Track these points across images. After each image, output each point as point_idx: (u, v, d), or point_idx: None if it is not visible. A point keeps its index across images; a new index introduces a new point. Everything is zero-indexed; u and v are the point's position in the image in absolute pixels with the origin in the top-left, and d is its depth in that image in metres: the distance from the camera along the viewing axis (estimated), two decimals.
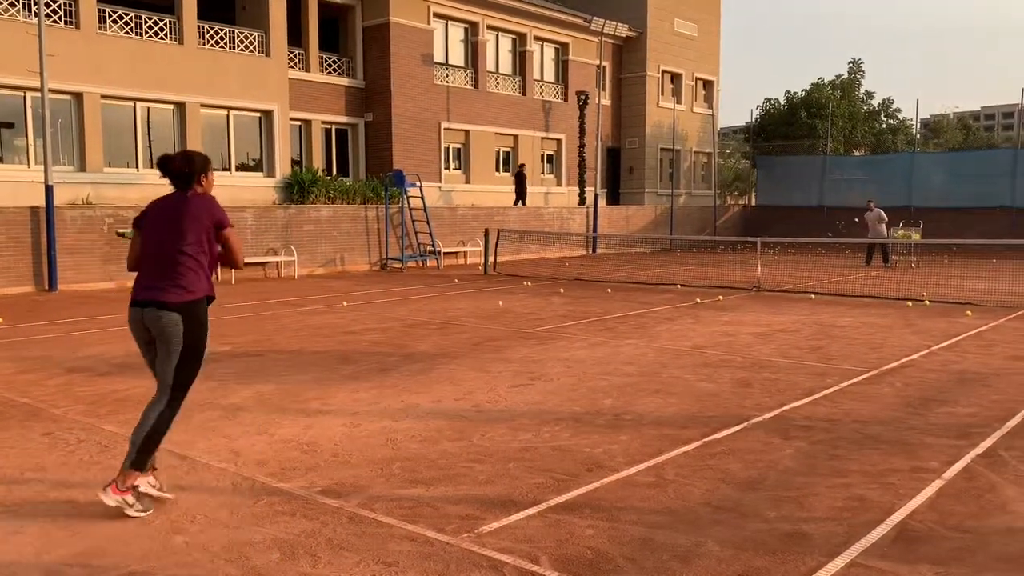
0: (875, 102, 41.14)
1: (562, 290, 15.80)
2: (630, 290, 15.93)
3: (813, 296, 14.78)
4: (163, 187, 4.36)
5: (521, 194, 26.93)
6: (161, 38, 19.35)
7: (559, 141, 30.44)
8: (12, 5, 17.08)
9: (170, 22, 19.47)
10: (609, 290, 15.83)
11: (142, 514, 4.16)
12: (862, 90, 40.65)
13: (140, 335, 4.33)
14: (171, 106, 19.80)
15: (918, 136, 41.84)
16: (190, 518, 4.22)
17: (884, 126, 41.53)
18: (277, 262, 18.91)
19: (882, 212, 22.12)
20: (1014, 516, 4.29)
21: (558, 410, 6.50)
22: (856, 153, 39.49)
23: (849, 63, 41.25)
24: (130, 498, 4.15)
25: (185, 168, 4.36)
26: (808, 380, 7.64)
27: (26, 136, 17.77)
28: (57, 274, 15.34)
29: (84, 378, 7.65)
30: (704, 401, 6.82)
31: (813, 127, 36.43)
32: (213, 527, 4.11)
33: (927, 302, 13.65)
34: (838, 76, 40.54)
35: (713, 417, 6.29)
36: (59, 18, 17.67)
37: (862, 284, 16.86)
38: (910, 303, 13.59)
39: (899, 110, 42.06)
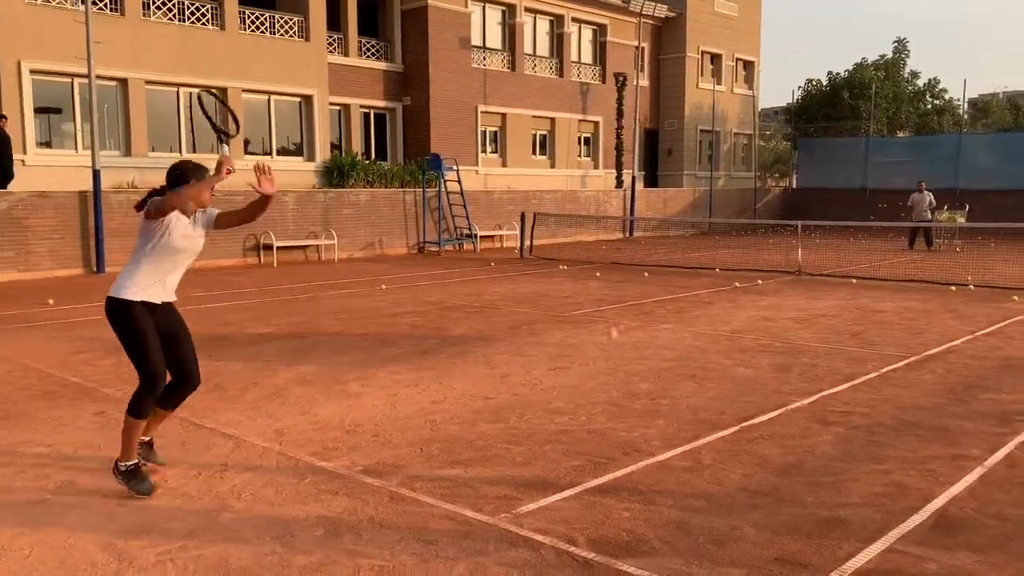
0: (920, 82, 40.25)
1: (598, 274, 15.79)
2: (667, 274, 15.88)
3: (854, 280, 14.60)
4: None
5: None
6: (203, 24, 19.60)
7: (596, 123, 30.28)
8: None
9: (212, 8, 19.70)
10: (646, 274, 15.79)
11: None
12: (907, 70, 39.77)
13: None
14: (214, 91, 20.04)
15: (965, 116, 40.86)
16: (236, 495, 4.35)
17: (930, 107, 40.62)
18: (318, 245, 19.15)
19: (932, 197, 21.64)
20: None
21: (594, 394, 6.55)
22: (900, 134, 38.71)
23: (894, 43, 40.32)
24: None
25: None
26: (848, 365, 7.59)
27: (74, 122, 18.16)
28: (105, 256, 15.70)
29: None
30: (741, 386, 6.82)
31: (856, 108, 35.77)
32: (259, 504, 4.23)
33: (971, 287, 13.41)
34: (882, 56, 39.70)
35: (751, 402, 6.28)
36: (105, 5, 17.98)
37: (905, 268, 16.60)
38: (953, 288, 13.36)
39: (945, 90, 41.03)
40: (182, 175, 4.32)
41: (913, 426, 5.65)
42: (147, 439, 4.65)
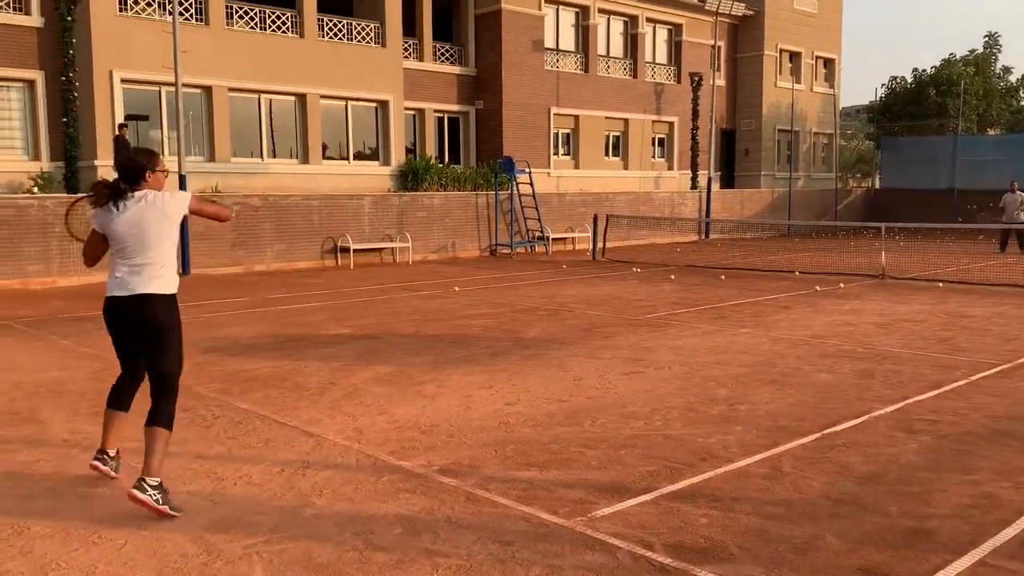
0: (1013, 78, 38.61)
1: (673, 276, 15.61)
2: (745, 277, 15.60)
3: (941, 284, 14.09)
4: (284, 176, 4.60)
5: None
6: (283, 32, 20.13)
7: (671, 124, 29.94)
8: (148, 5, 18.14)
9: (291, 16, 20.22)
10: (723, 277, 15.54)
11: None
12: (999, 65, 38.21)
13: None
14: (293, 98, 20.58)
15: None
16: (318, 492, 4.46)
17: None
18: (392, 248, 19.45)
19: (1023, 196, 20.76)
20: None
21: (670, 398, 6.48)
22: (991, 132, 37.18)
23: (985, 37, 38.79)
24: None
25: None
26: (935, 372, 7.33)
27: (161, 128, 18.86)
28: (190, 259, 16.26)
29: (217, 358, 8.13)
30: (823, 392, 6.66)
31: (943, 106, 34.51)
32: (339, 501, 4.33)
33: None
34: (971, 51, 38.22)
35: (832, 409, 6.13)
36: (191, 16, 18.64)
37: (996, 272, 15.93)
38: None
39: None
40: (144, 166, 4.28)
41: (1005, 436, 5.43)
42: (113, 452, 4.65)
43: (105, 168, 17.51)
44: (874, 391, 6.67)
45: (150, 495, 4.02)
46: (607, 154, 28.34)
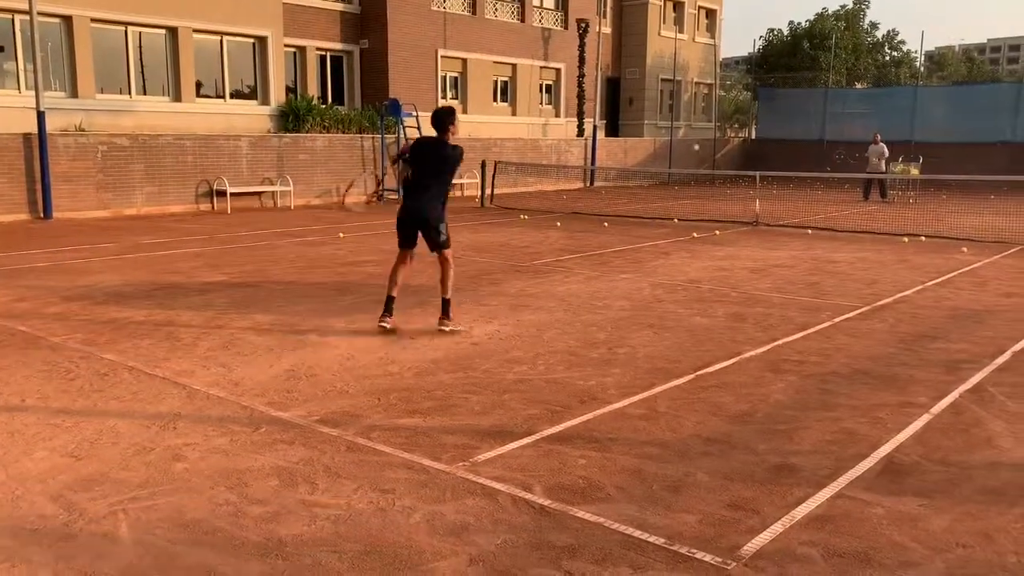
0: (880, 34, 40.48)
1: (559, 223, 15.75)
2: (627, 224, 15.90)
3: (810, 231, 14.78)
4: (155, 114, 4.30)
5: None
6: None
7: (558, 71, 29.91)
8: None
9: None
10: (606, 224, 15.80)
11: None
12: (867, 21, 39.94)
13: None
14: (163, 31, 19.35)
15: (922, 69, 41.21)
16: (190, 446, 4.29)
17: (888, 59, 40.94)
18: (273, 192, 18.79)
19: (885, 148, 22.01)
20: (998, 450, 4.39)
21: (553, 343, 6.56)
22: (859, 86, 38.96)
23: None
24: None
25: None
26: (801, 315, 7.70)
27: (16, 60, 17.41)
28: (52, 202, 15.24)
29: (81, 307, 7.68)
30: (697, 335, 6.88)
31: (816, 59, 35.87)
32: (213, 455, 4.18)
33: (923, 238, 13.65)
34: (842, 7, 39.76)
35: (706, 351, 6.35)
36: None
37: (859, 219, 16.83)
38: (906, 239, 13.59)
39: (903, 42, 41.42)
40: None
41: (863, 374, 5.77)
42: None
43: None
44: (745, 333, 6.95)
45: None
46: (495, 99, 28.10)
